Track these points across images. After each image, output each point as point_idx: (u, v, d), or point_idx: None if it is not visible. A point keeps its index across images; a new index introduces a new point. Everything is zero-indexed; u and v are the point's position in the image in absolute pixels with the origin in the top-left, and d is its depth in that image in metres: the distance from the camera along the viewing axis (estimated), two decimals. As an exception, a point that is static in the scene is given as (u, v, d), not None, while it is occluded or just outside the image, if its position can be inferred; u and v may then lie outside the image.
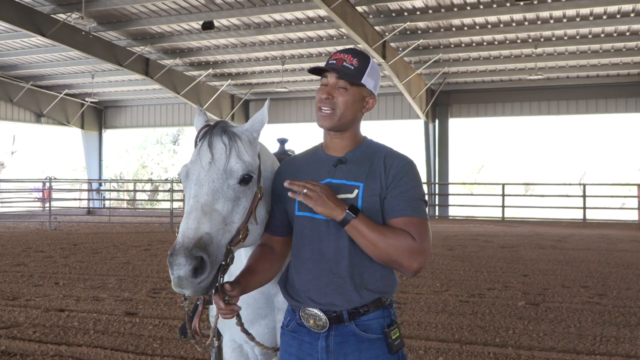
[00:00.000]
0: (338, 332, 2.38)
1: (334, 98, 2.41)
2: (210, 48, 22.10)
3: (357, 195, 2.37)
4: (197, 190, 2.29)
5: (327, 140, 2.53)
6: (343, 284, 2.36)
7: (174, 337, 6.37)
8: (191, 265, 2.09)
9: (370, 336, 2.38)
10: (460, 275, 10.24)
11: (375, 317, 2.40)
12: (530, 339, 6.33)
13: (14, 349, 5.97)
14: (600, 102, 24.85)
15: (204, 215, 2.21)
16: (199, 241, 2.13)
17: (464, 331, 6.62)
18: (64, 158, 48.91)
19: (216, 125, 2.47)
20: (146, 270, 10.78)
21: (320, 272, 2.39)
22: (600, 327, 6.81)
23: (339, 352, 2.38)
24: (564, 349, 5.97)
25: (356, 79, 2.42)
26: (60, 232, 18.57)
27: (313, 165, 2.52)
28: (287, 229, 2.58)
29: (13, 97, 27.46)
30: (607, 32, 18.66)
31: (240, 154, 2.38)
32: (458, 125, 29.49)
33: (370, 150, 2.50)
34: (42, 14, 18.00)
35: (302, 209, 2.45)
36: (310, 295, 2.40)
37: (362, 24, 17.48)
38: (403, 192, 2.36)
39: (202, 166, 2.34)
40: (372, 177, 2.40)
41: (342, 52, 2.47)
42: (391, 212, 2.36)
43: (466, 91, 26.22)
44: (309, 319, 2.41)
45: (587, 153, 45.43)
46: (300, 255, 2.46)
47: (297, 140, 22.52)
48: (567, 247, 14.47)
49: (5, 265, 11.34)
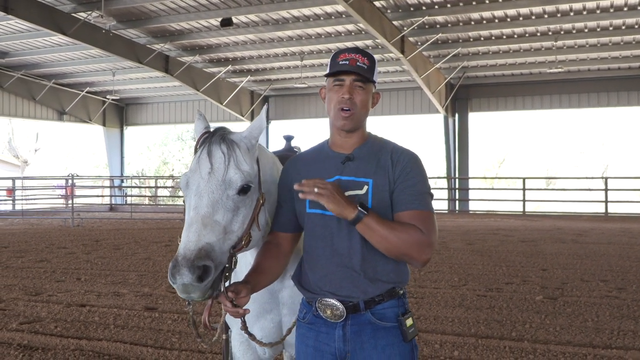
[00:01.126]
0: (354, 321, 2.45)
1: (353, 97, 2.46)
2: (229, 45, 22.21)
3: (367, 191, 2.43)
4: (198, 201, 2.32)
5: (337, 138, 2.58)
6: (357, 278, 2.43)
7: (192, 331, 6.44)
8: (195, 274, 2.14)
9: (386, 324, 2.45)
10: (479, 269, 10.23)
11: (390, 306, 2.47)
12: (547, 332, 6.32)
13: (36, 343, 6.10)
14: (622, 94, 24.58)
15: (204, 228, 2.24)
16: (199, 252, 2.18)
17: (480, 325, 6.63)
18: (86, 155, 49.44)
19: (215, 132, 2.50)
20: (166, 265, 10.88)
21: (334, 268, 2.45)
22: (618, 321, 6.78)
23: (355, 340, 2.45)
24: (581, 342, 5.96)
25: (371, 76, 2.49)
26: (82, 228, 18.80)
27: (321, 163, 2.57)
28: (295, 226, 2.63)
29: (36, 95, 27.84)
30: (628, 24, 18.44)
31: (239, 163, 2.41)
32: (478, 119, 29.34)
33: (377, 146, 2.55)
34: (63, 12, 18.22)
35: (313, 207, 2.50)
36: (326, 288, 2.46)
37: (380, 18, 17.46)
38: (410, 186, 2.43)
39: (201, 176, 2.36)
40: (380, 172, 2.45)
41: (350, 52, 2.51)
42: (398, 205, 2.42)
43: (486, 85, 26.07)
44: (326, 310, 2.47)
45: (610, 146, 44.96)
46: (313, 252, 2.51)
47: (315, 135, 22.46)
48: (588, 241, 14.36)
49: (29, 262, 11.53)
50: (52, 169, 45.30)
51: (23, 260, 11.67)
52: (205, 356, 5.59)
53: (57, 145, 49.71)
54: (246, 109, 28.91)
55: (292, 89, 27.90)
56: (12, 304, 7.88)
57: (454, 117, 26.48)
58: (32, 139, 46.91)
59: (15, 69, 25.87)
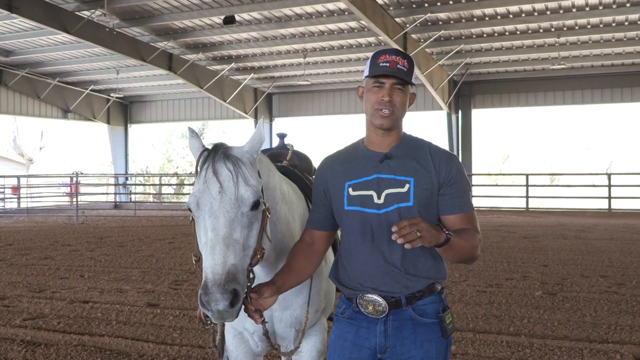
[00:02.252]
0: (396, 316, 2.51)
1: (392, 100, 2.51)
2: (232, 42, 22.25)
3: (409, 189, 2.49)
4: (214, 222, 2.31)
5: (373, 137, 2.62)
6: (398, 274, 2.49)
7: (193, 327, 6.52)
8: (228, 300, 2.18)
9: (426, 320, 2.51)
10: (480, 265, 10.27)
11: (430, 302, 2.54)
12: (545, 327, 6.37)
13: (39, 339, 6.18)
14: (625, 90, 24.55)
15: (227, 248, 2.26)
16: (228, 275, 2.21)
17: (478, 320, 6.69)
18: (90, 153, 49.58)
19: (216, 149, 2.48)
20: (169, 262, 10.98)
21: (375, 264, 2.50)
22: (616, 316, 6.83)
23: (396, 335, 2.51)
24: (577, 337, 6.01)
25: (411, 79, 2.55)
26: (87, 226, 18.91)
27: (357, 161, 2.61)
28: (329, 224, 2.69)
29: (40, 93, 27.94)
30: (630, 20, 18.41)
31: (247, 179, 2.41)
32: (482, 116, 29.32)
33: (413, 145, 2.61)
34: (66, 11, 18.28)
35: (352, 204, 2.55)
36: (367, 284, 2.52)
37: (382, 15, 17.48)
38: (457, 190, 2.53)
39: (212, 196, 2.35)
40: (422, 172, 2.52)
41: (390, 54, 2.53)
42: (450, 208, 2.53)
43: (489, 81, 26.05)
44: (368, 305, 2.52)
45: (614, 142, 44.87)
46: (353, 249, 2.56)
47: (319, 132, 22.37)
48: (591, 237, 14.40)
49: (33, 259, 11.63)
50: (56, 167, 45.44)
51: (27, 258, 11.77)
52: (205, 351, 5.66)
53: (62, 143, 49.86)
54: (250, 107, 28.96)
55: (296, 86, 27.93)
56: (16, 301, 7.97)
57: (457, 114, 26.48)
58: (37, 137, 47.06)
59: (19, 68, 25.96)
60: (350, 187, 2.56)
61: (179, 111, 32.48)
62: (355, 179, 2.56)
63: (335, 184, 2.61)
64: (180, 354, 5.61)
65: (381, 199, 2.49)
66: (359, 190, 2.54)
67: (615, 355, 5.44)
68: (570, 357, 5.42)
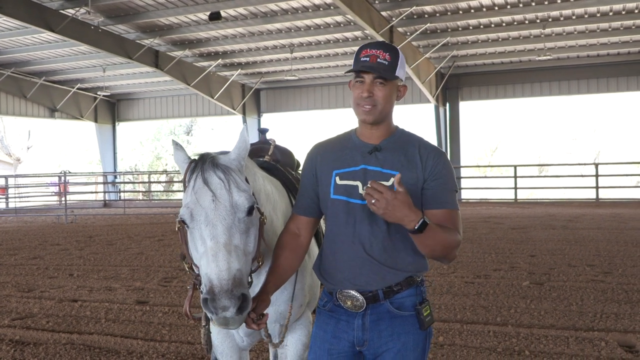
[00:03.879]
0: (374, 310, 2.55)
1: (374, 95, 2.51)
2: (218, 38, 22.22)
3: (393, 183, 2.49)
4: (212, 231, 2.31)
5: (363, 129, 2.64)
6: (376, 266, 2.51)
7: (183, 323, 6.53)
8: (236, 306, 2.19)
9: (403, 313, 2.55)
10: (468, 257, 10.32)
11: (408, 295, 2.56)
12: (531, 317, 6.43)
13: (28, 338, 6.17)
14: (611, 80, 24.70)
15: (229, 254, 2.26)
16: (234, 280, 2.22)
17: (466, 311, 6.73)
18: (79, 152, 49.38)
19: (204, 160, 2.48)
20: (158, 260, 10.97)
21: (354, 254, 2.53)
22: (602, 304, 6.89)
23: (373, 329, 2.55)
24: (563, 326, 6.07)
25: (391, 74, 2.52)
26: (76, 225, 18.85)
27: (347, 150, 2.63)
28: (316, 211, 2.71)
29: (27, 92, 27.81)
30: (615, 10, 18.51)
31: (239, 185, 2.42)
32: (469, 108, 29.41)
33: (403, 139, 2.62)
34: (50, 9, 18.20)
35: (337, 192, 2.57)
36: (346, 276, 2.55)
37: (368, 9, 17.50)
38: (441, 185, 2.53)
39: (206, 206, 2.35)
40: (408, 166, 2.53)
41: (372, 48, 2.54)
42: (431, 203, 2.52)
43: (476, 74, 26.15)
44: (347, 301, 2.56)
45: (602, 132, 45.15)
46: (335, 238, 2.59)
47: (307, 127, 22.30)
48: (578, 226, 14.50)
49: (22, 259, 11.59)
50: (45, 166, 45.24)
51: (16, 258, 11.73)
52: (195, 347, 5.67)
53: (50, 142, 49.66)
54: (237, 103, 28.92)
55: (283, 81, 27.91)
56: (5, 301, 7.95)
57: (445, 107, 26.57)
58: (24, 137, 46.78)
59: (5, 67, 25.82)
60: (337, 176, 2.58)
61: (167, 108, 32.41)
62: (343, 168, 2.58)
63: (324, 170, 2.63)
64: (169, 351, 5.63)
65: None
66: (345, 179, 2.57)
67: (600, 343, 5.49)
68: (555, 346, 5.47)
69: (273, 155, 3.65)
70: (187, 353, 5.54)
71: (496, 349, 5.46)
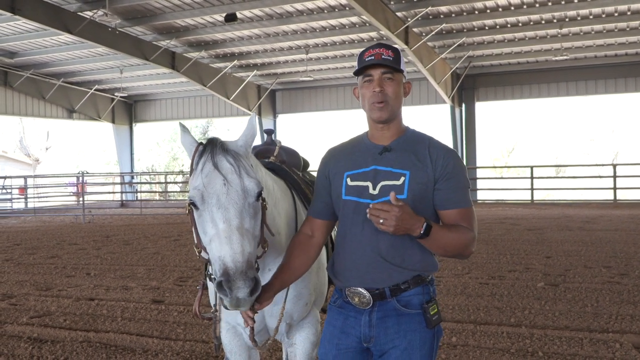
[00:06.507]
0: (381, 308, 2.59)
1: (384, 89, 2.55)
2: (234, 40, 22.31)
3: (404, 182, 2.54)
4: (225, 214, 2.34)
5: (374, 131, 2.68)
6: (383, 264, 2.56)
7: (197, 322, 6.58)
8: (250, 287, 2.24)
9: (410, 311, 2.58)
10: (483, 258, 10.30)
11: (416, 294, 2.60)
12: (545, 318, 6.41)
13: (45, 336, 6.26)
14: (629, 80, 24.50)
15: (242, 237, 2.31)
16: (248, 263, 2.27)
17: (480, 312, 6.73)
18: (96, 152, 49.78)
19: (213, 144, 2.51)
20: (174, 260, 11.05)
21: (362, 252, 2.58)
22: (617, 306, 6.86)
23: (380, 326, 2.59)
24: (578, 327, 6.05)
25: (399, 65, 2.57)
26: (93, 224, 19.03)
27: (359, 153, 2.68)
28: (330, 213, 2.76)
29: (45, 94, 28.09)
30: (633, 10, 18.36)
31: (248, 171, 2.47)
32: (486, 109, 29.33)
33: (414, 139, 2.65)
34: (68, 12, 18.37)
35: (348, 193, 2.62)
36: (354, 274, 2.60)
37: (383, 10, 17.49)
38: (454, 185, 2.56)
39: (217, 189, 2.38)
40: (418, 165, 2.56)
41: (374, 48, 2.60)
42: (445, 203, 2.56)
43: (492, 74, 26.04)
44: (354, 297, 2.61)
45: (620, 133, 44.75)
46: (345, 237, 2.64)
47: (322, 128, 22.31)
48: (595, 228, 14.40)
49: (40, 258, 11.72)
50: (63, 166, 45.67)
51: (35, 257, 11.87)
52: (209, 346, 5.72)
53: (68, 143, 50.13)
54: (253, 103, 29.02)
55: (299, 82, 27.98)
56: (23, 299, 8.06)
57: (461, 107, 26.49)
58: (43, 138, 47.29)
59: (24, 69, 26.10)
60: (348, 177, 2.63)
61: (183, 109, 32.59)
62: (354, 169, 2.63)
63: (337, 173, 2.68)
64: (184, 349, 5.68)
65: (376, 190, 2.55)
66: (356, 180, 2.61)
67: (614, 345, 5.47)
68: (569, 347, 5.46)
69: (279, 156, 3.68)
70: (201, 352, 5.59)
71: (509, 349, 5.46)
